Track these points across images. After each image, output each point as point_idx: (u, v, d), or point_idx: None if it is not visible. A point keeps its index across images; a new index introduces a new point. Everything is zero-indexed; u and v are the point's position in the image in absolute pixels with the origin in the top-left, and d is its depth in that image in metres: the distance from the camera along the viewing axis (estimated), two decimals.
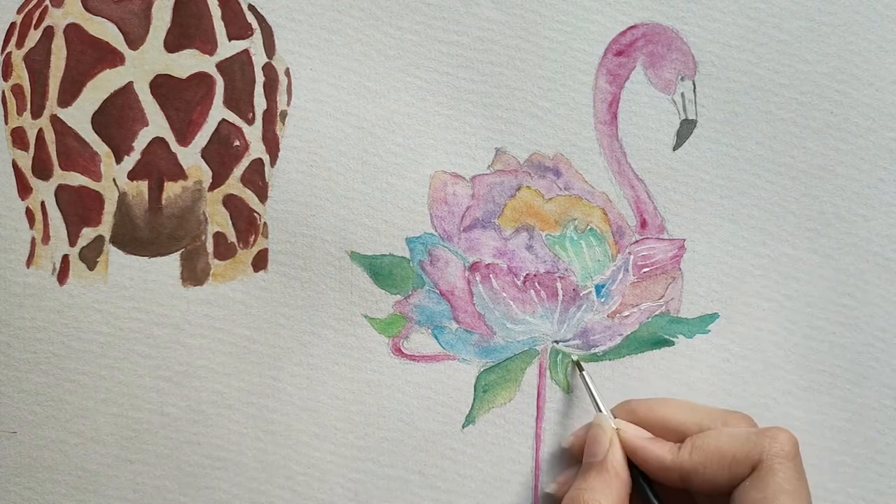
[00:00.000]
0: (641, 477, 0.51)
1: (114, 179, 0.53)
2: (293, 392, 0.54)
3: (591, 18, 0.54)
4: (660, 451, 0.50)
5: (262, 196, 0.54)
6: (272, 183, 0.54)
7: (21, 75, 0.53)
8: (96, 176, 0.53)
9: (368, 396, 0.54)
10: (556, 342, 0.55)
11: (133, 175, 0.53)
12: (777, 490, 0.47)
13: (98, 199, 0.53)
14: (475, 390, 0.54)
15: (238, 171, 0.54)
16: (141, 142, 0.53)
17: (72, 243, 0.53)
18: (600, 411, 0.52)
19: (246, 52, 0.53)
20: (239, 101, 0.53)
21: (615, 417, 0.52)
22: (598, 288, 0.54)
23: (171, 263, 0.54)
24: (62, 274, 0.53)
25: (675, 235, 0.55)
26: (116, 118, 0.53)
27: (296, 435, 0.54)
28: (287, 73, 0.54)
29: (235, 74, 0.53)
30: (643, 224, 0.55)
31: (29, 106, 0.53)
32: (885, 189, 0.55)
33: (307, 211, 0.54)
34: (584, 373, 0.54)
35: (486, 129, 0.54)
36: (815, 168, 0.55)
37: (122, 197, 0.53)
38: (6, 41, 0.53)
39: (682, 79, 0.55)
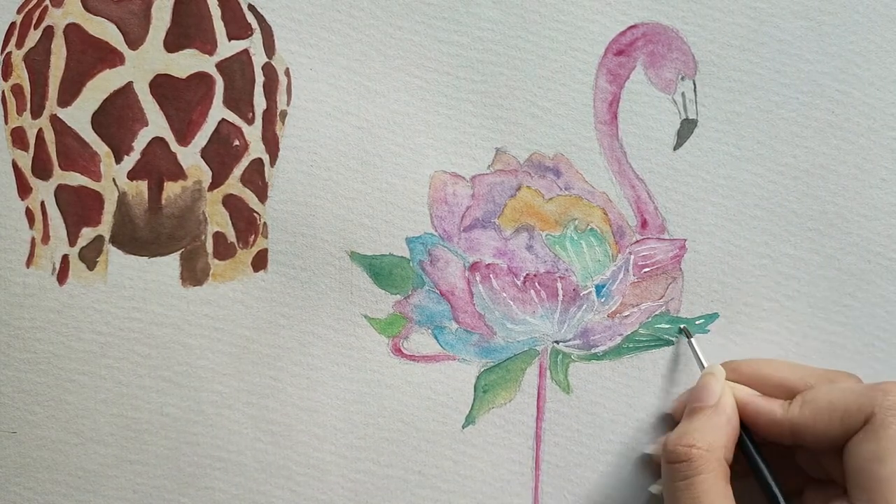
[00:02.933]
0: (745, 434, 0.51)
1: (113, 179, 0.53)
2: (293, 392, 0.54)
3: (591, 18, 0.54)
4: (770, 406, 0.51)
5: (262, 196, 0.54)
6: (272, 183, 0.54)
7: (21, 75, 0.53)
8: (96, 176, 0.53)
9: (368, 396, 0.54)
10: (557, 342, 0.55)
11: (133, 175, 0.53)
12: (891, 442, 0.47)
13: (98, 198, 0.53)
14: (475, 390, 0.54)
15: (238, 170, 0.54)
16: (141, 142, 0.53)
17: (71, 243, 0.53)
18: (703, 366, 0.53)
19: (246, 51, 0.53)
20: (239, 100, 0.53)
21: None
22: (599, 288, 0.54)
23: (170, 263, 0.54)
24: (62, 274, 0.53)
25: (675, 235, 0.55)
26: (116, 118, 0.53)
27: (296, 435, 0.54)
28: (287, 72, 0.54)
29: (235, 74, 0.53)
30: (644, 224, 0.55)
31: (29, 106, 0.53)
32: (887, 189, 0.55)
33: (307, 211, 0.54)
34: (691, 339, 0.54)
35: (486, 129, 0.54)
36: (816, 168, 0.55)
37: (122, 197, 0.53)
38: (6, 41, 0.53)
39: (683, 78, 0.55)
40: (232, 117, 0.53)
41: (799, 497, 0.53)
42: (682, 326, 0.55)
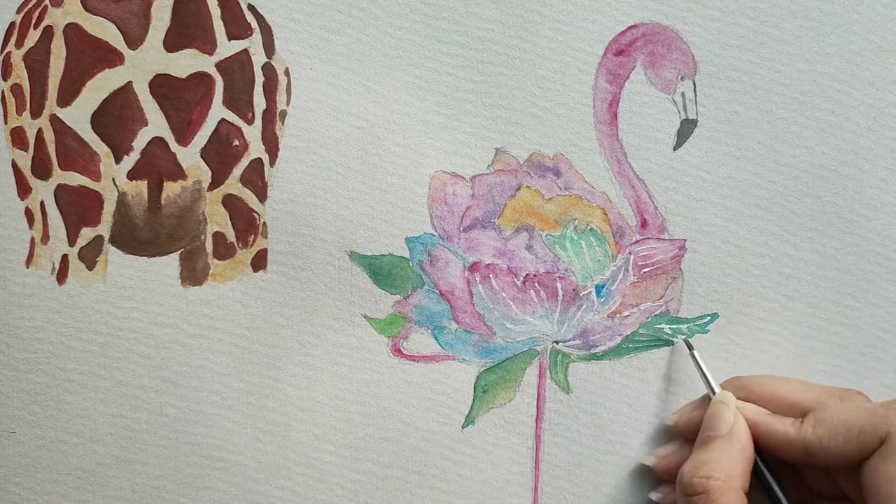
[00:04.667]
0: (757, 455, 0.51)
1: (113, 179, 0.53)
2: (292, 392, 0.54)
3: (591, 18, 0.54)
4: (782, 426, 0.50)
5: (262, 196, 0.54)
6: (272, 183, 0.54)
7: (21, 75, 0.53)
8: (96, 176, 0.53)
9: (368, 397, 0.54)
10: (556, 342, 0.55)
11: (132, 175, 0.53)
12: None
13: (97, 198, 0.53)
14: (475, 390, 0.54)
15: (237, 170, 0.54)
16: (140, 141, 0.53)
17: (71, 243, 0.53)
18: (713, 390, 0.52)
19: (245, 51, 0.53)
20: (238, 100, 0.53)
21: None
22: (599, 288, 0.54)
23: (170, 263, 0.54)
24: (61, 274, 0.53)
25: (675, 235, 0.55)
26: (116, 118, 0.53)
27: (295, 435, 0.54)
28: (287, 72, 0.54)
29: (235, 74, 0.53)
30: (643, 224, 0.55)
31: (28, 106, 0.53)
32: (887, 189, 0.55)
33: (307, 211, 0.54)
34: (694, 352, 0.54)
35: (486, 129, 0.54)
36: (816, 168, 0.55)
37: (122, 197, 0.53)
38: (6, 41, 0.53)
39: (683, 78, 0.55)
40: (232, 117, 0.53)
41: None
42: (686, 340, 0.54)
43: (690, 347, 0.54)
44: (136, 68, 0.53)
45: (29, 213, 0.53)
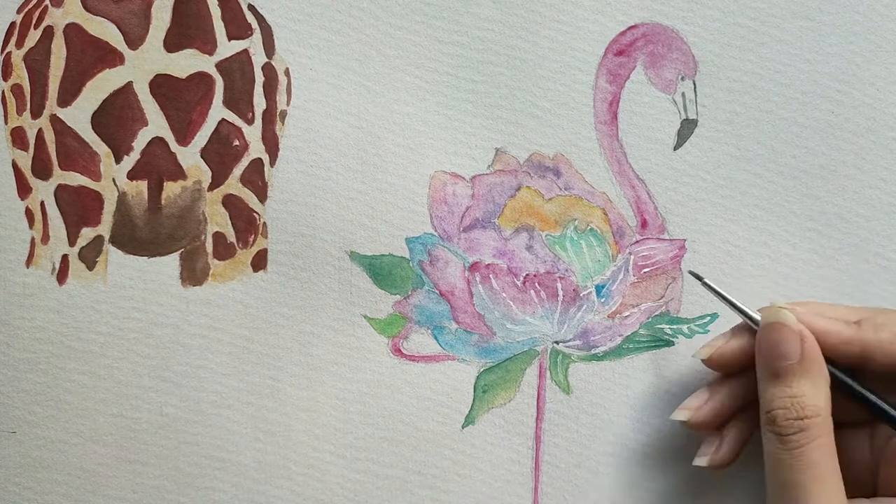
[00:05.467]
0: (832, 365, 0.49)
1: (113, 179, 0.53)
2: (292, 392, 0.54)
3: (591, 18, 0.54)
4: (837, 326, 0.49)
5: (262, 196, 0.54)
6: (272, 183, 0.54)
7: (21, 75, 0.53)
8: (96, 176, 0.53)
9: (368, 396, 0.54)
10: (556, 343, 0.55)
11: (132, 175, 0.53)
12: None
13: (97, 198, 0.53)
14: (475, 390, 0.54)
15: (238, 170, 0.54)
16: (140, 142, 0.53)
17: (71, 243, 0.53)
18: (750, 317, 0.50)
19: (245, 51, 0.53)
20: (238, 100, 0.53)
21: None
22: (599, 288, 0.54)
23: (170, 263, 0.54)
24: (61, 274, 0.53)
25: (675, 236, 0.55)
26: (116, 118, 0.53)
27: (295, 435, 0.54)
28: (287, 72, 0.54)
29: (235, 74, 0.53)
30: (644, 224, 0.55)
31: (29, 106, 0.53)
32: (887, 189, 0.55)
33: (307, 211, 0.54)
34: (706, 280, 0.51)
35: (486, 129, 0.54)
36: (815, 168, 0.55)
37: (122, 197, 0.53)
38: (6, 41, 0.54)
39: (683, 78, 0.55)
40: (232, 117, 0.53)
41: (870, 427, 0.51)
42: (703, 279, 0.51)
43: (699, 277, 0.52)
44: (137, 68, 0.53)
45: (29, 213, 0.53)
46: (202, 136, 0.53)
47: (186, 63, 0.53)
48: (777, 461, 0.48)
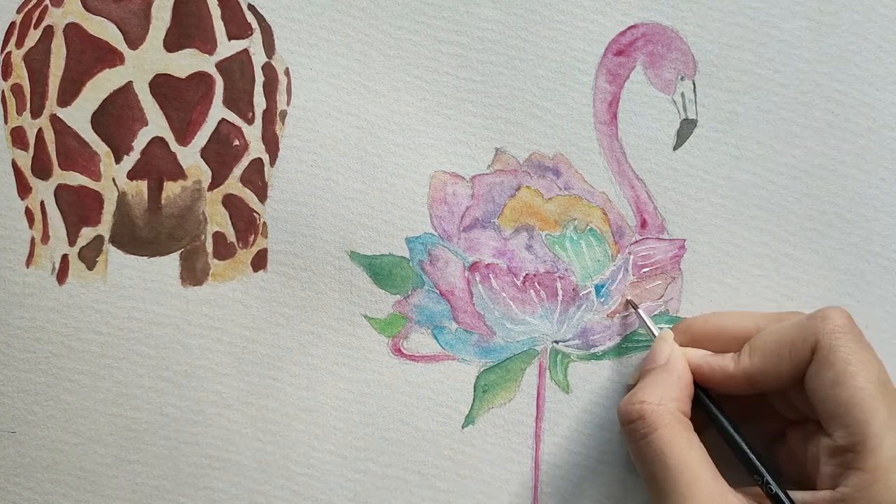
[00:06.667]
0: (703, 394, 0.51)
1: (113, 179, 0.53)
2: (292, 392, 0.54)
3: (591, 18, 0.54)
4: (723, 362, 0.51)
5: (262, 196, 0.54)
6: (272, 183, 0.54)
7: (21, 75, 0.53)
8: (96, 176, 0.53)
9: (368, 396, 0.54)
10: (556, 342, 0.55)
11: (132, 175, 0.53)
12: (844, 363, 0.47)
13: (97, 198, 0.53)
14: (475, 390, 0.54)
15: (238, 170, 0.54)
16: (140, 141, 0.53)
17: (71, 243, 0.53)
18: (653, 333, 0.53)
19: (245, 51, 0.53)
20: (238, 100, 0.53)
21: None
22: (598, 288, 0.54)
23: (170, 263, 0.54)
24: (61, 274, 0.53)
25: (675, 235, 0.55)
26: (116, 118, 0.53)
27: (295, 435, 0.54)
28: (287, 72, 0.54)
29: (235, 74, 0.53)
30: (643, 224, 0.55)
31: (29, 105, 0.53)
32: (887, 189, 0.55)
33: (307, 211, 0.54)
34: (638, 310, 0.54)
35: (486, 129, 0.54)
36: (815, 168, 0.55)
37: (122, 197, 0.53)
38: (6, 41, 0.53)
39: (682, 78, 0.55)
40: (232, 117, 0.53)
41: (782, 440, 0.52)
42: (627, 299, 0.54)
43: (635, 306, 0.54)
44: (137, 68, 0.53)
45: (29, 213, 0.53)
46: (202, 136, 0.53)
47: (186, 63, 0.53)
48: (633, 458, 0.50)
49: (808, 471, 0.50)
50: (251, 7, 0.54)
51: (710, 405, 0.51)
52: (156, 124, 0.53)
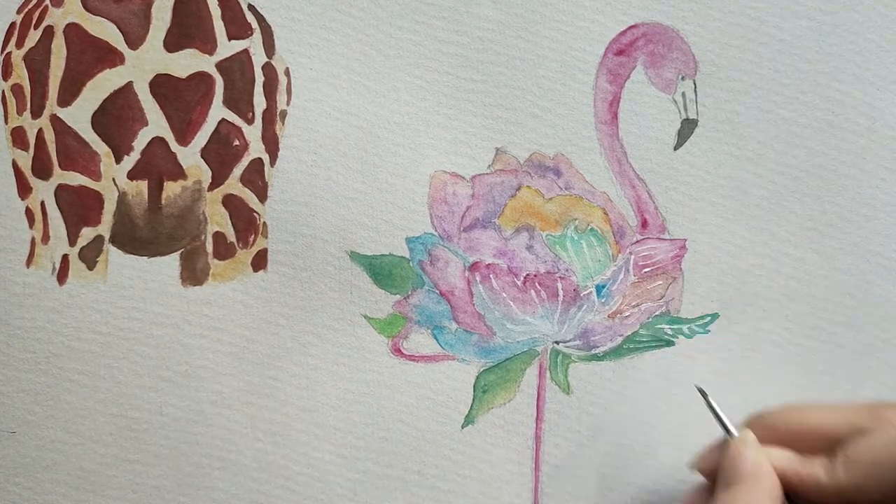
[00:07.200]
0: (788, 499, 0.47)
1: (113, 179, 0.53)
2: (292, 392, 0.54)
3: (591, 18, 0.54)
4: (812, 470, 0.46)
5: (262, 196, 0.54)
6: (272, 183, 0.54)
7: (21, 75, 0.53)
8: (96, 176, 0.53)
9: (368, 396, 0.54)
10: (557, 343, 0.55)
11: (133, 175, 0.53)
12: None
13: (98, 198, 0.53)
14: (475, 390, 0.54)
15: (238, 170, 0.54)
16: (140, 141, 0.53)
17: (71, 243, 0.53)
18: (730, 432, 0.49)
19: (245, 51, 0.53)
20: (238, 100, 0.53)
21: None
22: (599, 288, 0.54)
23: (170, 263, 0.54)
24: (62, 274, 0.53)
25: (676, 235, 0.55)
26: (116, 118, 0.53)
27: (295, 435, 0.54)
28: (287, 72, 0.54)
29: (235, 74, 0.53)
30: (644, 224, 0.55)
31: (29, 105, 0.53)
32: (887, 189, 0.55)
33: (307, 211, 0.54)
34: (708, 398, 0.50)
35: (486, 129, 0.54)
36: (816, 168, 0.55)
37: (122, 197, 0.53)
38: (6, 41, 0.54)
39: (683, 78, 0.55)
40: (232, 117, 0.53)
41: None
42: (698, 387, 0.51)
43: (704, 394, 0.51)
44: (137, 68, 0.53)
45: (29, 213, 0.53)
46: (202, 136, 0.53)
47: (186, 63, 0.53)
48: None
49: None
50: (251, 7, 0.54)
51: None
52: (156, 124, 0.53)
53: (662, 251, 0.55)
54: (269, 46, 0.54)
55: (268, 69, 0.54)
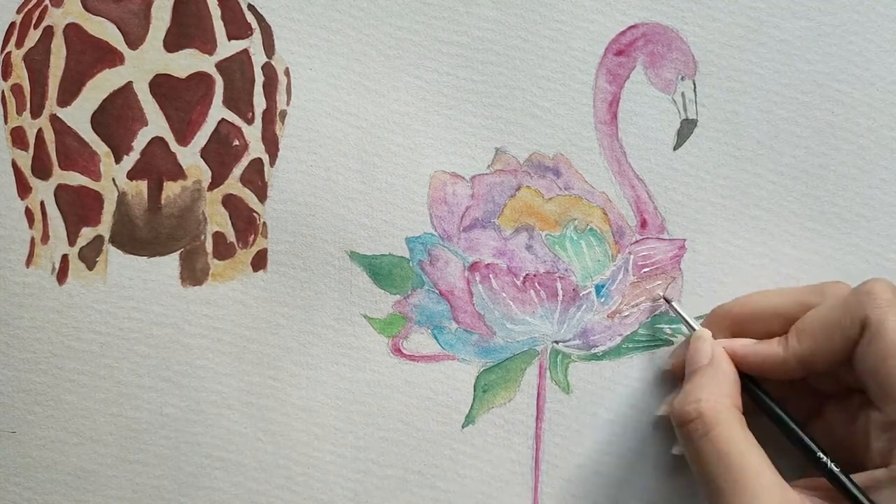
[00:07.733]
0: (750, 381, 0.51)
1: (113, 179, 0.53)
2: (292, 392, 0.54)
3: (591, 18, 0.54)
4: (771, 349, 0.50)
5: (262, 196, 0.54)
6: (271, 183, 0.54)
7: (21, 75, 0.53)
8: (96, 176, 0.53)
9: (368, 396, 0.54)
10: (556, 342, 0.55)
11: (132, 175, 0.53)
12: (893, 335, 0.47)
13: (97, 198, 0.53)
14: (475, 390, 0.54)
15: (237, 170, 0.54)
16: (140, 141, 0.53)
17: (71, 243, 0.53)
18: (692, 328, 0.53)
19: (245, 51, 0.53)
20: (238, 100, 0.53)
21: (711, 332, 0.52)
22: (598, 288, 0.54)
23: (170, 263, 0.54)
24: (61, 274, 0.53)
25: (675, 235, 0.55)
26: (116, 118, 0.53)
27: (295, 435, 0.54)
28: (286, 72, 0.54)
29: (235, 74, 0.53)
30: (643, 224, 0.55)
31: (28, 105, 0.53)
32: (887, 189, 0.55)
33: (307, 211, 0.54)
34: (672, 303, 0.54)
35: (486, 129, 0.54)
36: (815, 168, 0.55)
37: (122, 197, 0.53)
38: (6, 41, 0.53)
39: (683, 78, 0.55)
40: (231, 117, 0.53)
41: (820, 416, 0.52)
42: (663, 296, 0.54)
43: (668, 301, 0.54)
44: (136, 68, 0.53)
45: (29, 213, 0.53)
46: (202, 136, 0.53)
47: (186, 63, 0.53)
48: (690, 460, 0.49)
49: (851, 447, 0.50)
50: (251, 7, 0.54)
51: (764, 396, 0.51)
52: (156, 124, 0.53)
53: (662, 251, 0.55)
54: (269, 46, 0.54)
55: (268, 69, 0.54)
